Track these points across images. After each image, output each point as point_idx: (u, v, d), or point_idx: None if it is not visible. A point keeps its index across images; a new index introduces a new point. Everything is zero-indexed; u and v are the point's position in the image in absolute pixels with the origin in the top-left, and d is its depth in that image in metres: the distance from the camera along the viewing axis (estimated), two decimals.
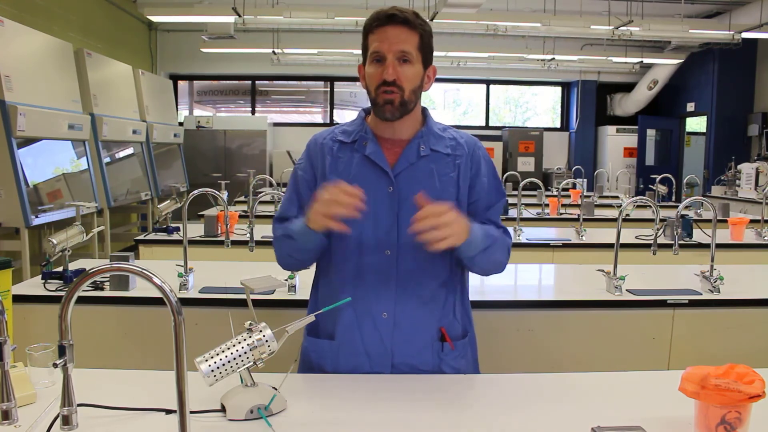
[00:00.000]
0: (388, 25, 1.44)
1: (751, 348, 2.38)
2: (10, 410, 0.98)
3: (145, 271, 0.99)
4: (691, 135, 10.59)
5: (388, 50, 1.43)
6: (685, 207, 4.46)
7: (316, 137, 1.60)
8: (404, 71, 1.45)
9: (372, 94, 1.48)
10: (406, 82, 1.45)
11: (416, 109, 1.53)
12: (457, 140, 1.56)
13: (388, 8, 1.46)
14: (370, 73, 1.47)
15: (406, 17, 1.45)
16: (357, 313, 1.49)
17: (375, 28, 1.46)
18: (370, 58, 1.47)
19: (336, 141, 1.55)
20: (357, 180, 1.47)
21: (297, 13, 6.33)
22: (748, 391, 1.11)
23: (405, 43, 1.44)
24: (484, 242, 1.46)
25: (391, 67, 1.43)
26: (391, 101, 1.45)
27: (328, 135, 1.57)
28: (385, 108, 1.46)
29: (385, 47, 1.43)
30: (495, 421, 1.27)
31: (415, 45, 1.45)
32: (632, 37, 7.06)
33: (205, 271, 2.64)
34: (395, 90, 1.44)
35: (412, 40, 1.45)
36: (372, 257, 1.48)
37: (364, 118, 1.57)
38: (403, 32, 1.44)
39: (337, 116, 10.58)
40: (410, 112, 1.50)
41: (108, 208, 6.26)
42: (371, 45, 1.46)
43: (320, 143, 1.57)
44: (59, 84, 5.59)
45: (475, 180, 1.55)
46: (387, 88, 1.44)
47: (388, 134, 1.53)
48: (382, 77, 1.44)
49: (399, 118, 1.48)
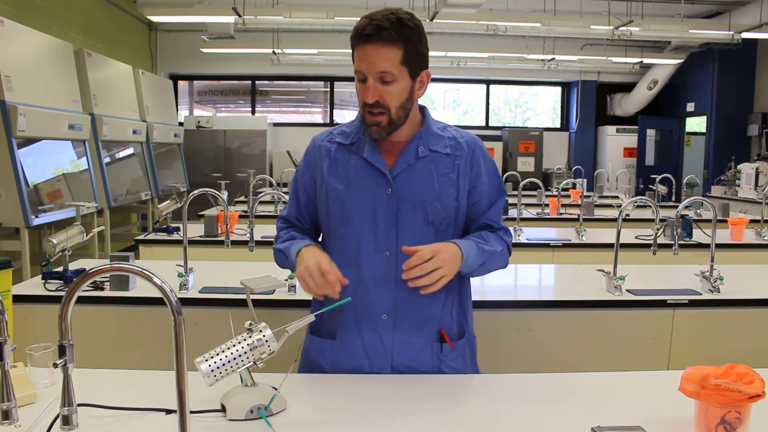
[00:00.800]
0: (367, 43, 1.38)
1: (751, 348, 2.38)
2: (10, 410, 0.98)
3: (145, 271, 0.99)
4: (691, 135, 10.59)
5: (367, 71, 1.40)
6: (685, 207, 4.46)
7: (315, 139, 1.60)
8: (387, 90, 1.41)
9: (360, 110, 1.47)
10: (391, 100, 1.42)
11: (413, 111, 1.51)
12: (456, 140, 1.55)
13: (368, 20, 1.38)
14: (357, 89, 1.46)
15: (384, 34, 1.36)
16: (357, 314, 1.49)
17: (356, 45, 1.41)
18: (355, 75, 1.45)
19: (334, 143, 1.54)
20: (355, 182, 1.47)
21: (297, 13, 6.32)
22: (748, 391, 1.11)
23: (384, 62, 1.38)
24: (479, 259, 1.48)
25: (371, 90, 1.40)
26: (377, 123, 1.44)
27: (327, 137, 1.57)
28: (371, 129, 1.45)
29: (364, 68, 1.40)
30: (495, 421, 1.27)
31: (397, 61, 1.39)
32: (632, 37, 7.07)
33: (205, 271, 2.64)
34: (381, 110, 1.42)
35: (393, 58, 1.38)
36: (371, 258, 1.48)
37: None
38: (382, 50, 1.37)
39: (337, 116, 10.58)
40: (402, 125, 1.48)
41: (108, 208, 6.26)
42: (355, 61, 1.43)
43: (318, 145, 1.56)
44: (59, 84, 5.59)
45: (476, 181, 1.54)
46: (371, 109, 1.42)
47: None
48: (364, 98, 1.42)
49: (386, 137, 1.47)
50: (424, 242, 1.45)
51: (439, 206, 1.49)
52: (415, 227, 1.48)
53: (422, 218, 1.48)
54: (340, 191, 1.49)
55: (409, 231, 1.47)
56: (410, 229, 1.48)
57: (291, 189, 1.63)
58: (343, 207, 1.49)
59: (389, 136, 1.49)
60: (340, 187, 1.49)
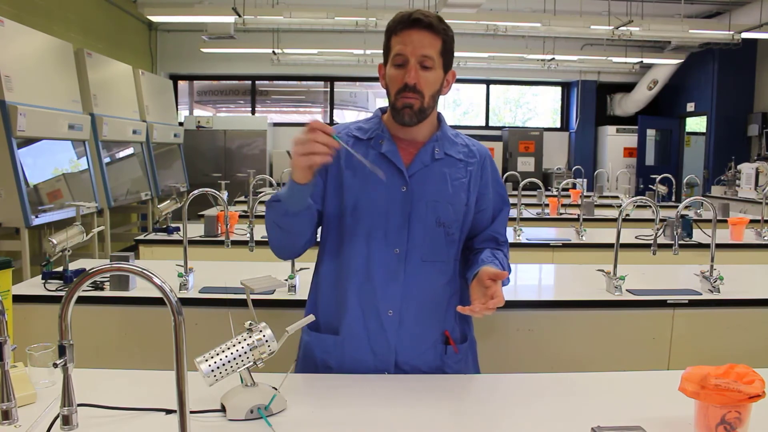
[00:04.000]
0: (413, 29, 1.44)
1: (751, 348, 2.38)
2: (10, 410, 0.98)
3: (145, 271, 0.99)
4: (691, 135, 10.58)
5: (411, 54, 1.43)
6: (685, 207, 4.46)
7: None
8: (425, 76, 1.44)
9: (392, 97, 1.48)
10: (427, 87, 1.45)
11: (433, 114, 1.53)
12: (469, 147, 1.58)
13: (413, 11, 1.46)
14: (391, 75, 1.47)
15: (431, 22, 1.44)
16: (363, 309, 1.49)
17: (399, 31, 1.45)
18: (392, 61, 1.47)
19: (351, 136, 1.55)
20: (371, 177, 1.47)
21: (297, 13, 6.33)
22: (748, 391, 1.11)
23: (428, 47, 1.43)
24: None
25: (413, 71, 1.43)
26: (411, 105, 1.45)
27: (344, 130, 1.57)
28: (404, 112, 1.46)
29: (408, 51, 1.43)
30: (495, 421, 1.27)
31: (438, 50, 1.45)
32: (632, 37, 7.06)
33: (205, 271, 2.64)
34: (415, 96, 1.44)
35: (435, 45, 1.44)
36: (381, 254, 1.48)
37: (381, 116, 1.58)
38: (427, 37, 1.43)
39: (337, 116, 10.58)
40: (428, 117, 1.50)
41: (108, 208, 6.26)
42: (394, 47, 1.46)
43: (336, 135, 1.56)
44: (59, 84, 5.58)
45: (484, 189, 1.57)
46: (408, 93, 1.44)
47: (403, 135, 1.53)
48: (403, 81, 1.44)
49: (417, 123, 1.49)
50: (433, 243, 1.49)
51: (451, 209, 1.51)
52: (427, 227, 1.49)
53: (434, 219, 1.49)
54: (355, 186, 1.49)
55: (420, 230, 1.49)
56: (421, 228, 1.49)
57: None
58: (357, 201, 1.49)
59: (412, 129, 1.50)
60: (355, 182, 1.49)
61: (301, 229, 1.48)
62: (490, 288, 1.38)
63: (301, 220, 1.45)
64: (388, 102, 1.52)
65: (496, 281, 1.38)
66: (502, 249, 1.60)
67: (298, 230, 1.48)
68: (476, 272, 1.43)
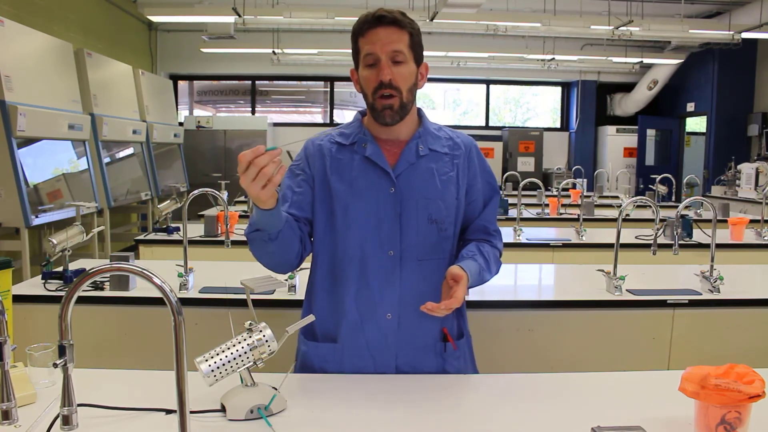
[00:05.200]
0: (378, 26, 1.45)
1: (751, 348, 2.38)
2: (10, 410, 0.98)
3: (145, 271, 0.99)
4: (691, 135, 10.58)
5: (381, 51, 1.44)
6: (685, 207, 4.46)
7: (313, 139, 1.59)
8: (399, 71, 1.45)
9: (369, 98, 1.48)
10: (402, 81, 1.45)
11: (413, 110, 1.53)
12: (453, 140, 1.57)
13: (375, 10, 1.47)
14: (365, 76, 1.47)
15: (395, 17, 1.45)
16: (361, 314, 1.49)
17: (365, 31, 1.46)
18: (363, 62, 1.47)
19: (334, 143, 1.54)
20: (358, 182, 1.47)
21: (297, 13, 6.32)
22: (748, 391, 1.11)
23: (396, 42, 1.44)
24: (479, 279, 1.50)
25: (387, 68, 1.44)
26: (390, 106, 1.45)
27: (325, 137, 1.57)
28: (385, 113, 1.46)
29: (377, 49, 1.44)
30: (495, 421, 1.27)
31: (407, 44, 1.46)
32: (632, 37, 7.06)
33: (205, 271, 2.64)
34: (393, 93, 1.44)
35: (403, 39, 1.45)
36: (375, 258, 1.48)
37: (361, 119, 1.57)
38: (394, 32, 1.45)
39: (337, 116, 10.57)
40: (408, 113, 1.50)
41: (108, 208, 6.25)
42: (363, 48, 1.46)
43: (318, 144, 1.56)
44: (59, 84, 5.58)
45: (473, 180, 1.57)
46: (384, 91, 1.44)
47: (386, 135, 1.53)
48: (378, 79, 1.44)
49: (398, 121, 1.48)
50: (427, 241, 1.48)
51: (441, 204, 1.50)
52: (419, 226, 1.49)
53: (426, 217, 1.49)
54: (342, 191, 1.49)
55: (412, 230, 1.48)
56: (414, 228, 1.48)
57: (284, 179, 1.56)
58: (347, 207, 1.48)
59: (393, 129, 1.50)
60: (342, 187, 1.49)
61: (288, 246, 1.46)
62: (453, 288, 1.38)
63: (283, 239, 1.41)
64: (366, 104, 1.51)
65: (458, 282, 1.38)
66: (490, 240, 1.59)
67: (286, 247, 1.45)
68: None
